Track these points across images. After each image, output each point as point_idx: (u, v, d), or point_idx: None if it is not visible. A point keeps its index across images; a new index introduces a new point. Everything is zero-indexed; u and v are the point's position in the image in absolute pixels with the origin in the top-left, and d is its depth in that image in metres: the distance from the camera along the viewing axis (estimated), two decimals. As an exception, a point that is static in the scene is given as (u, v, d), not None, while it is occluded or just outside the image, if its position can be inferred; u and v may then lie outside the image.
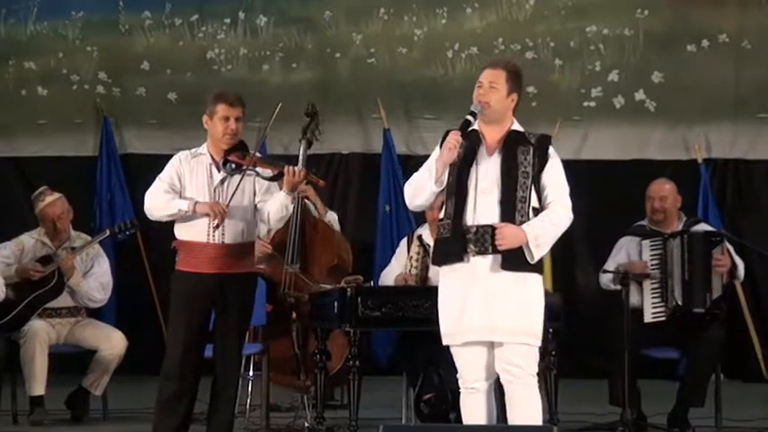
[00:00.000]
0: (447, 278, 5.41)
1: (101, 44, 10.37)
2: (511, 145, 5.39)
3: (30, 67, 10.40)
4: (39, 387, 7.43)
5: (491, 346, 5.34)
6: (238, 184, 6.05)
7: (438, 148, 5.45)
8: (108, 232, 7.91)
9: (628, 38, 9.95)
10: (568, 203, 5.41)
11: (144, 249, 9.97)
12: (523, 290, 5.31)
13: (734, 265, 7.27)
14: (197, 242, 6.09)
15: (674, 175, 8.19)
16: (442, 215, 5.45)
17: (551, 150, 5.43)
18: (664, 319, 7.21)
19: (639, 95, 9.92)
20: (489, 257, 5.30)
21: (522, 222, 5.30)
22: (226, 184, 6.10)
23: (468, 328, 5.31)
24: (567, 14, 10.03)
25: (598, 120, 9.94)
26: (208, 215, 6.01)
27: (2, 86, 10.36)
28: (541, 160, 5.38)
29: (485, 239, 5.29)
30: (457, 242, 5.33)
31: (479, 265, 5.32)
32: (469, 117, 5.35)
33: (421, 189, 5.43)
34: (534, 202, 5.36)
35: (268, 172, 6.09)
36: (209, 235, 6.07)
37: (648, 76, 9.91)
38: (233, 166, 6.08)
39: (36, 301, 7.57)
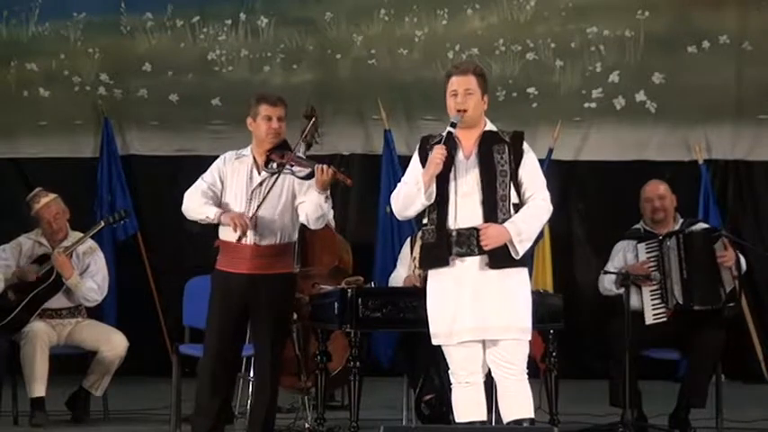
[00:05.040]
0: (435, 281, 5.55)
1: (102, 45, 10.35)
2: (486, 146, 5.54)
3: (31, 69, 10.38)
4: (39, 388, 7.43)
5: (483, 342, 5.49)
6: (272, 186, 6.13)
7: (417, 157, 5.61)
8: (103, 223, 7.94)
9: (628, 39, 9.94)
10: (547, 195, 5.56)
11: (145, 250, 9.97)
12: (511, 286, 5.46)
13: (737, 258, 7.30)
14: (232, 242, 6.15)
15: (674, 176, 8.18)
16: (425, 221, 5.59)
17: (525, 146, 5.58)
18: (665, 319, 7.22)
19: (640, 96, 9.91)
20: (475, 258, 5.44)
21: (504, 220, 5.44)
22: (265, 185, 6.17)
23: (462, 329, 5.46)
24: (567, 15, 10.02)
25: (599, 121, 9.93)
26: (228, 225, 6.09)
27: (3, 88, 10.34)
28: (517, 157, 5.53)
29: (470, 242, 5.44)
30: (442, 247, 5.46)
31: (466, 267, 5.46)
32: (451, 129, 5.50)
33: (411, 202, 5.54)
34: (514, 198, 5.50)
35: (303, 171, 6.14)
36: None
37: (649, 78, 9.90)
38: (274, 165, 6.16)
39: (35, 300, 7.58)
